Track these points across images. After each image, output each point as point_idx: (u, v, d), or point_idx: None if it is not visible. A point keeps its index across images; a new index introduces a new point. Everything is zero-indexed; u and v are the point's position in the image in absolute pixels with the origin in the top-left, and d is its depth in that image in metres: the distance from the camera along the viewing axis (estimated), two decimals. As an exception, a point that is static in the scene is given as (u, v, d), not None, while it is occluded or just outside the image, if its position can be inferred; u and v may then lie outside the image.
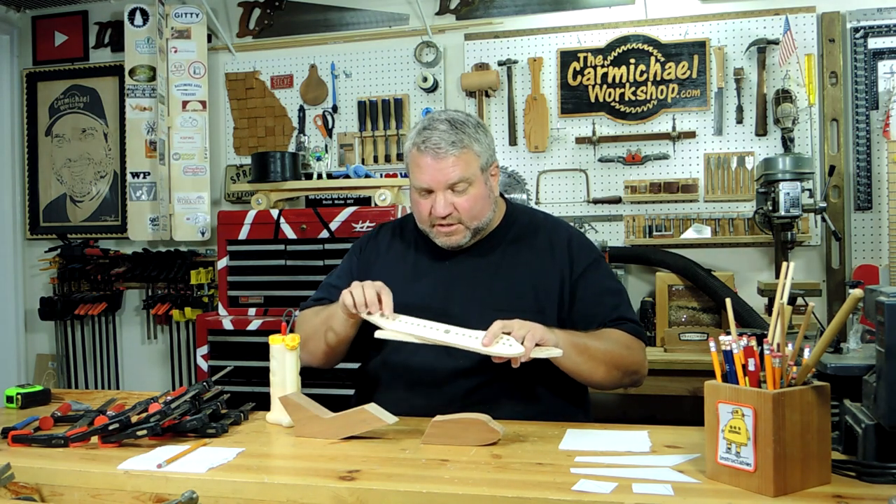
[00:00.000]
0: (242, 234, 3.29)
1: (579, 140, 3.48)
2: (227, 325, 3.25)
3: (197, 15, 3.84)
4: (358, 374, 1.87)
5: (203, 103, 3.86)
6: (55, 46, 4.20)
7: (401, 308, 1.69)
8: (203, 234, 3.84)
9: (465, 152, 1.68)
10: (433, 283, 1.76)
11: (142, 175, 3.83)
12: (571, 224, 1.96)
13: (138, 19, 3.84)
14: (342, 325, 1.68)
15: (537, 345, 1.48)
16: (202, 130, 3.86)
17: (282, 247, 3.25)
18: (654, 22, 3.41)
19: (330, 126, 3.80)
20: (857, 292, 1.12)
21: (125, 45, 3.84)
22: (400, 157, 3.64)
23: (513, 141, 3.56)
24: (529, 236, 1.80)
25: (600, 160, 3.45)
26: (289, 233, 3.23)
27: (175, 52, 3.84)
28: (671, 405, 3.05)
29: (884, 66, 3.17)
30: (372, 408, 1.47)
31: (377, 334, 1.58)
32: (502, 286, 1.72)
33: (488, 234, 1.80)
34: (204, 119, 3.86)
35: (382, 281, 1.73)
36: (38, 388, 1.86)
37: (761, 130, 3.27)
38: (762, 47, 3.25)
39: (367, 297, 1.57)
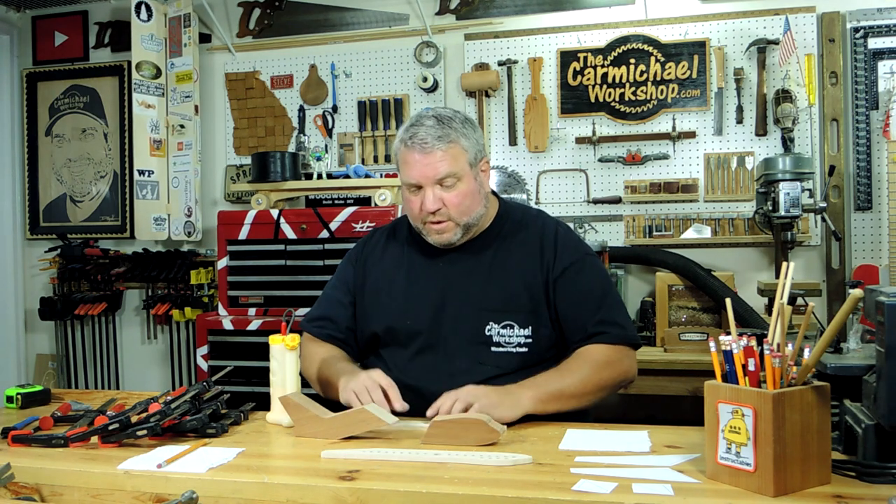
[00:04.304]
0: (242, 234, 3.29)
1: (579, 140, 3.47)
2: (227, 325, 3.25)
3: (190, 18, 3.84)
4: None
5: (196, 107, 3.85)
6: (55, 46, 4.20)
7: (399, 310, 1.73)
8: (195, 235, 3.85)
9: (453, 147, 1.68)
10: (428, 284, 1.76)
11: (147, 173, 3.82)
12: (570, 224, 1.95)
13: (143, 13, 3.81)
14: None
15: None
16: (195, 134, 3.85)
17: (282, 247, 3.24)
18: (654, 22, 3.40)
19: (330, 126, 3.80)
20: (857, 292, 1.12)
21: (131, 39, 3.80)
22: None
23: (513, 141, 3.56)
24: (521, 234, 1.79)
25: (600, 160, 3.45)
26: (289, 233, 3.23)
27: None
28: (671, 405, 3.05)
29: (884, 66, 3.17)
30: (372, 408, 1.47)
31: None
32: (496, 286, 1.72)
33: (482, 233, 1.79)
34: (197, 123, 3.86)
35: (380, 286, 1.75)
36: (38, 388, 1.86)
37: (761, 130, 3.27)
38: (762, 47, 3.25)
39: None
